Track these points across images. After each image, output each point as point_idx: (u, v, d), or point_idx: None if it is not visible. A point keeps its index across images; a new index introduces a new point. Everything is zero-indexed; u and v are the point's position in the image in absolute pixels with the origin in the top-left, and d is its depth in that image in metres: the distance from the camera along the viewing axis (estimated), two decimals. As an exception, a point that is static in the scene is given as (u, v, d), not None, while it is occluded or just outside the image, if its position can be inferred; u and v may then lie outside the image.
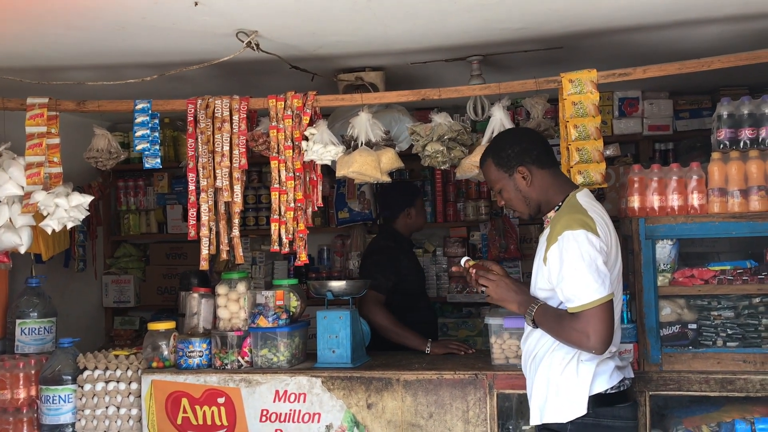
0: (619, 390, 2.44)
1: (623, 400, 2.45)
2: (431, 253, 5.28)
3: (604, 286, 2.31)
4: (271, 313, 3.25)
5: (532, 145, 2.55)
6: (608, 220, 2.47)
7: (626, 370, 2.54)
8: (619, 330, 2.53)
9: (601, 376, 2.41)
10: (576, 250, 2.33)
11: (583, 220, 2.36)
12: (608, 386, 2.41)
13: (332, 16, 2.96)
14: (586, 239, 2.33)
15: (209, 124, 3.29)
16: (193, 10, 2.77)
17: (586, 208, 2.42)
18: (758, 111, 2.95)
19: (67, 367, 3.35)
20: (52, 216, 3.29)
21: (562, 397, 2.42)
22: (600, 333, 2.29)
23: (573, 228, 2.34)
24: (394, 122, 3.66)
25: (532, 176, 2.53)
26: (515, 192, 2.56)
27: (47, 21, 2.90)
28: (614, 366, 2.45)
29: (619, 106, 4.78)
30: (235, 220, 3.31)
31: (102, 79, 3.49)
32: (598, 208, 2.48)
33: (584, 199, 2.48)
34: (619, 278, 2.49)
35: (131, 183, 5.53)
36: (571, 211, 2.41)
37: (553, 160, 2.58)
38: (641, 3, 2.96)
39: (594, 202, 2.49)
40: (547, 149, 2.58)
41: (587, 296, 2.31)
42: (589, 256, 2.32)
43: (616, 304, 2.45)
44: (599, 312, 2.30)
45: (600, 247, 2.34)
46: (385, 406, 3.10)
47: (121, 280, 5.41)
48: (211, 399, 3.22)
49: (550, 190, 2.54)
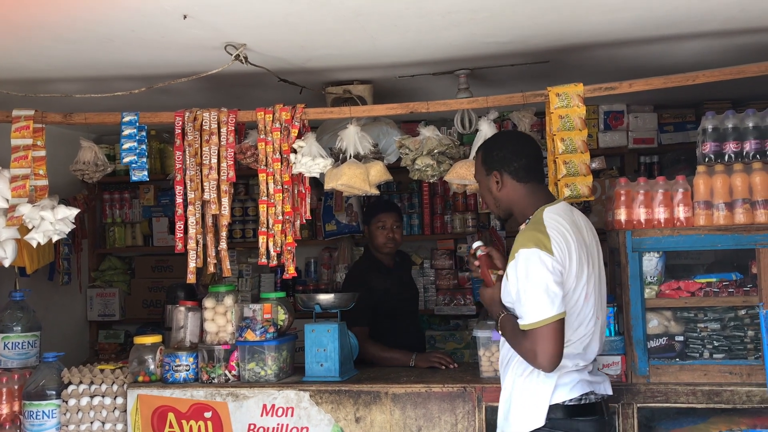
0: (580, 403, 2.40)
1: (584, 413, 2.41)
2: (419, 265, 5.29)
3: (553, 305, 2.29)
4: (259, 327, 3.23)
5: (515, 157, 2.53)
6: (573, 237, 2.39)
7: (600, 385, 2.50)
8: (596, 343, 2.48)
9: (562, 387, 2.39)
10: (525, 270, 2.33)
11: (538, 238, 2.34)
12: (567, 398, 2.39)
13: (321, 29, 2.97)
14: (537, 259, 2.31)
15: (197, 136, 3.28)
16: (181, 23, 2.77)
17: (548, 224, 2.38)
18: (742, 125, 2.99)
19: (51, 382, 3.30)
20: (37, 229, 3.26)
21: (521, 408, 2.42)
22: (546, 352, 2.28)
23: (527, 246, 2.34)
24: (382, 135, 3.68)
25: (503, 185, 2.54)
26: (487, 190, 2.61)
27: (35, 33, 2.89)
28: (579, 379, 2.42)
29: (605, 120, 4.83)
30: (222, 233, 3.29)
31: (89, 92, 3.47)
32: (565, 223, 2.41)
33: (550, 214, 2.42)
34: (591, 293, 2.43)
35: (117, 195, 5.50)
36: (531, 227, 2.40)
37: (534, 175, 2.54)
38: (627, 18, 3.00)
39: (561, 218, 2.42)
40: (531, 164, 2.54)
41: (535, 315, 2.30)
42: (539, 275, 2.31)
43: (584, 318, 2.41)
44: (546, 331, 2.28)
45: (552, 267, 2.31)
46: (374, 420, 3.09)
47: (106, 293, 5.37)
48: (198, 413, 3.19)
49: (522, 202, 2.53)
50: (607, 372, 2.96)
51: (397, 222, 3.97)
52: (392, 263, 4.02)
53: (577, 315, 2.41)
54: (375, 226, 3.93)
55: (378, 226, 3.92)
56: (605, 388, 2.53)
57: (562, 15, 2.93)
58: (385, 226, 3.91)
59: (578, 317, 2.42)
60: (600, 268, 2.53)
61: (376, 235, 3.92)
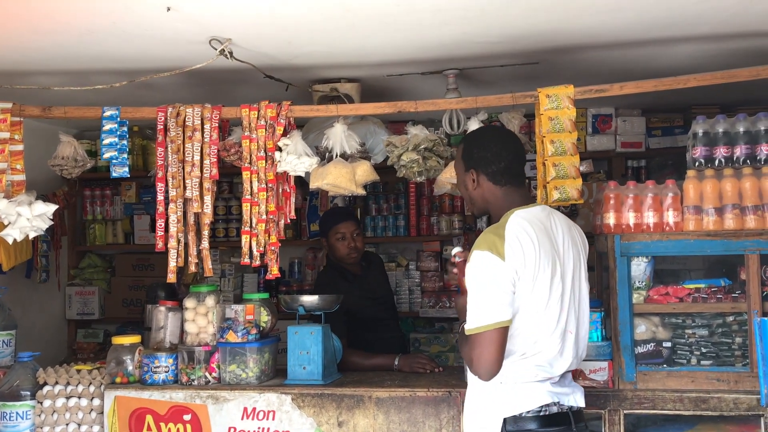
0: (539, 414, 2.31)
1: (546, 424, 2.31)
2: (404, 267, 5.24)
3: (495, 312, 2.22)
4: (241, 328, 3.17)
5: (495, 159, 2.44)
6: (537, 243, 2.28)
7: (568, 396, 2.37)
8: (567, 359, 2.35)
9: (520, 397, 2.30)
10: (474, 272, 2.27)
11: (493, 241, 2.26)
12: (525, 409, 2.29)
13: (309, 25, 2.91)
14: (486, 262, 2.25)
15: (180, 132, 3.21)
16: (165, 15, 2.70)
17: (509, 228, 2.30)
18: (733, 129, 2.97)
19: (26, 382, 3.23)
20: (13, 225, 3.17)
21: (476, 416, 2.36)
22: (483, 359, 2.21)
23: (480, 248, 2.27)
24: (369, 134, 3.63)
25: (479, 184, 2.47)
26: (463, 185, 2.55)
27: (12, 24, 2.81)
28: (540, 389, 2.31)
29: (593, 123, 4.81)
30: (204, 232, 3.23)
31: (69, 85, 3.40)
32: (530, 228, 2.30)
33: (517, 218, 2.33)
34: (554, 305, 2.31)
35: (98, 192, 5.41)
36: (490, 229, 2.33)
37: (513, 178, 2.44)
38: (618, 20, 2.97)
39: (528, 223, 2.31)
40: (510, 167, 2.44)
41: (476, 320, 2.23)
42: (485, 280, 2.24)
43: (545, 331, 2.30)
44: (485, 338, 2.21)
45: (501, 272, 2.24)
46: (357, 424, 3.03)
47: (85, 291, 5.28)
48: (177, 416, 3.12)
49: (496, 204, 2.46)
50: (594, 378, 2.93)
51: (357, 230, 3.83)
52: (359, 269, 3.89)
53: (534, 327, 2.29)
54: (334, 238, 3.79)
55: (337, 238, 3.78)
56: (575, 399, 2.39)
57: (554, 15, 2.90)
58: (345, 237, 3.77)
59: (535, 329, 2.30)
60: (579, 279, 2.41)
61: (338, 248, 3.78)
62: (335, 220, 3.83)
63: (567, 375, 2.43)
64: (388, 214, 5.23)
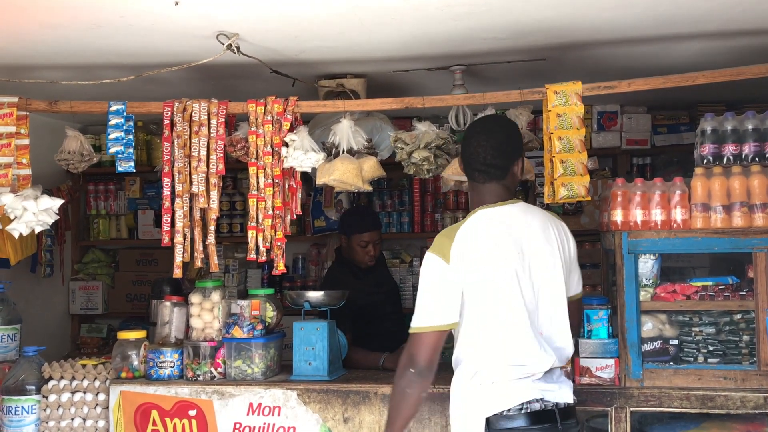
0: (520, 411, 2.29)
1: (526, 421, 2.29)
2: (408, 263, 5.24)
3: (433, 316, 2.28)
4: (246, 324, 3.16)
5: (472, 157, 2.42)
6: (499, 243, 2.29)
7: (554, 393, 2.35)
8: (547, 358, 2.34)
9: (498, 395, 2.30)
10: (421, 273, 2.34)
11: (442, 243, 2.30)
12: (505, 407, 2.29)
13: (316, 20, 2.90)
14: (432, 264, 2.30)
15: (186, 127, 3.20)
16: (173, 9, 2.69)
17: (465, 226, 2.30)
18: (741, 127, 2.95)
19: (31, 377, 3.23)
20: (19, 220, 3.17)
21: (459, 413, 2.36)
22: (416, 359, 2.29)
23: (430, 250, 2.32)
24: (375, 130, 3.62)
25: (469, 184, 2.51)
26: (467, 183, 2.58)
27: (19, 18, 2.80)
28: (522, 386, 2.30)
29: (598, 120, 4.81)
30: (210, 227, 3.22)
31: (75, 79, 3.39)
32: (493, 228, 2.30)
33: (480, 216, 2.33)
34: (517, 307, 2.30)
35: (102, 187, 5.41)
36: (445, 230, 2.36)
37: (490, 177, 2.40)
38: (625, 17, 2.96)
39: (493, 221, 2.31)
40: (486, 164, 2.39)
41: (416, 321, 2.32)
42: (427, 282, 2.30)
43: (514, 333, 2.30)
44: (420, 339, 2.29)
45: (446, 275, 2.27)
46: (362, 420, 3.03)
47: (89, 286, 5.29)
48: (183, 411, 3.12)
49: (473, 201, 2.49)
50: (601, 375, 2.92)
51: (379, 238, 3.89)
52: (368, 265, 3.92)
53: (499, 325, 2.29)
54: (356, 242, 3.81)
55: (360, 244, 3.80)
56: (562, 395, 2.37)
57: (562, 12, 2.88)
58: (368, 245, 3.82)
59: (500, 328, 2.29)
60: (553, 276, 2.38)
61: (357, 251, 3.82)
62: (363, 227, 3.83)
63: (554, 371, 2.41)
64: (392, 211, 5.23)
